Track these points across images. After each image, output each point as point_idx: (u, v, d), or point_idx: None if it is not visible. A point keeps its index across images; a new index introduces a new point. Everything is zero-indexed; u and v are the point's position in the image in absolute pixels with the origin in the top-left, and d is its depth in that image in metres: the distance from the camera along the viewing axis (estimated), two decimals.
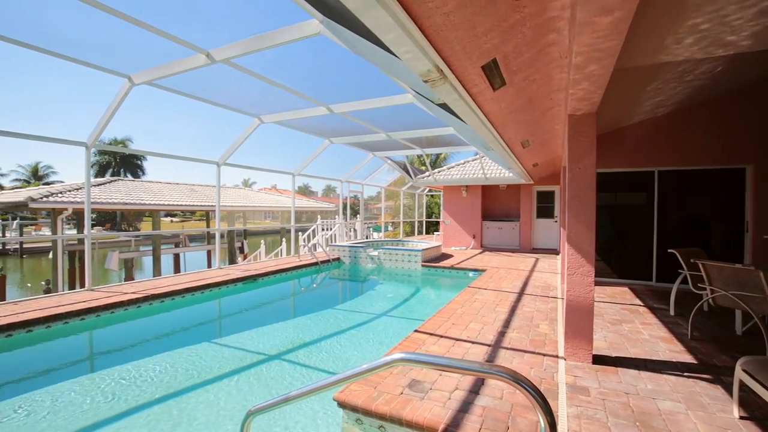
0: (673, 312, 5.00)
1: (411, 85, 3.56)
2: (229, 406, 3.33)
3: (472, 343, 3.91)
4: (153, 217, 18.01)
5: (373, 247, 10.78)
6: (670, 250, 5.15)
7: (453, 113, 3.59)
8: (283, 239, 12.04)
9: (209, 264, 18.26)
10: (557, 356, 3.55)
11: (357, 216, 17.47)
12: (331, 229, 12.76)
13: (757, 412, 2.55)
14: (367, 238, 15.02)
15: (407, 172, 13.95)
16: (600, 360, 3.46)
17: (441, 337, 4.08)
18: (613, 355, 3.60)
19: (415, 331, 4.27)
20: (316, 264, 9.71)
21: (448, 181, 13.60)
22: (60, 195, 11.33)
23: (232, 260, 17.78)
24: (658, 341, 3.97)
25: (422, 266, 9.51)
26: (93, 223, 33.33)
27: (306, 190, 63.32)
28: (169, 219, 49.13)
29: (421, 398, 2.71)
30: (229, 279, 7.11)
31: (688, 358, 3.54)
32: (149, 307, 5.69)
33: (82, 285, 6.34)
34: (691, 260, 4.39)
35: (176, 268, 18.25)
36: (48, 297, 5.57)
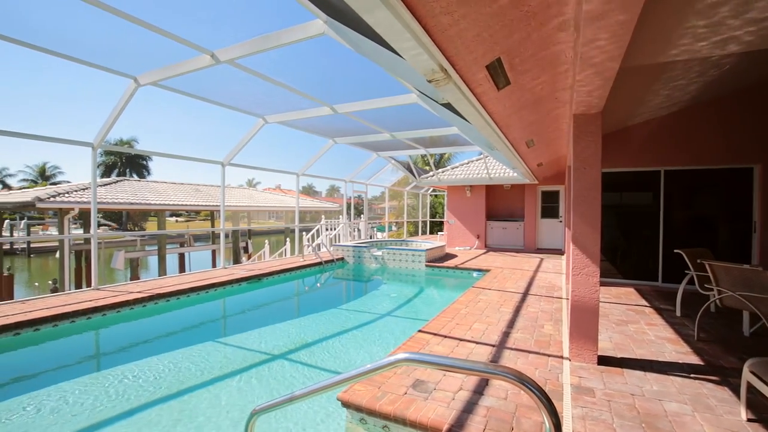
0: (679, 313, 4.95)
1: (415, 84, 3.56)
2: (232, 406, 3.34)
3: (477, 343, 3.90)
4: (158, 216, 18.15)
5: (377, 247, 10.79)
6: (676, 251, 5.11)
7: (457, 113, 3.58)
8: (287, 239, 12.10)
9: (214, 263, 18.35)
10: (562, 357, 3.53)
11: (361, 216, 17.49)
12: (334, 229, 12.80)
13: (765, 414, 2.53)
14: (370, 238, 15.03)
15: (411, 172, 13.94)
16: (605, 361, 3.43)
17: (445, 337, 4.07)
18: (619, 356, 3.58)
19: (419, 331, 4.26)
20: (320, 264, 9.73)
21: (452, 181, 13.57)
22: (67, 195, 11.44)
23: (237, 260, 17.86)
24: (664, 342, 3.94)
25: (426, 266, 9.49)
26: (104, 224, 33.58)
27: (310, 190, 63.52)
28: (174, 219, 49.46)
29: (425, 398, 2.71)
30: (233, 279, 7.14)
31: (694, 359, 3.51)
32: (154, 306, 5.73)
33: (89, 284, 6.40)
34: (698, 261, 4.36)
35: (181, 268, 18.39)
36: (55, 296, 5.63)
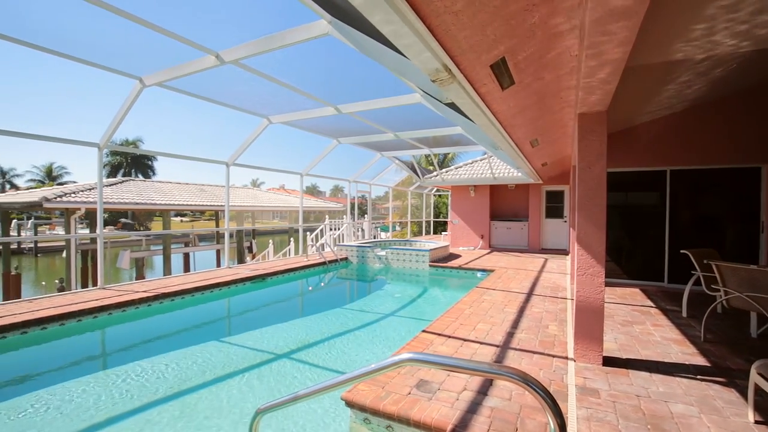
0: (685, 314, 4.91)
1: (419, 84, 3.56)
2: (236, 405, 3.36)
3: (481, 343, 3.89)
4: (163, 216, 18.27)
5: (381, 247, 10.79)
6: (682, 251, 5.07)
7: (461, 113, 3.57)
8: (291, 239, 12.12)
9: (218, 263, 18.43)
10: (567, 357, 3.51)
11: (364, 216, 17.49)
12: (338, 228, 12.82)
13: None
14: (374, 237, 15.04)
15: (415, 171, 13.93)
16: (610, 362, 3.41)
17: (449, 337, 4.06)
18: (624, 356, 3.56)
19: (423, 331, 4.26)
20: (323, 264, 9.75)
21: (456, 181, 13.54)
22: (73, 195, 11.55)
23: (241, 260, 17.94)
24: (670, 343, 3.91)
25: (430, 266, 9.48)
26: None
27: (314, 190, 63.65)
28: (179, 219, 49.77)
29: (429, 398, 2.71)
30: (237, 278, 7.18)
31: (701, 360, 3.48)
32: (159, 305, 5.77)
33: (95, 283, 6.46)
34: (705, 261, 4.32)
35: (186, 267, 18.49)
36: (62, 295, 5.68)
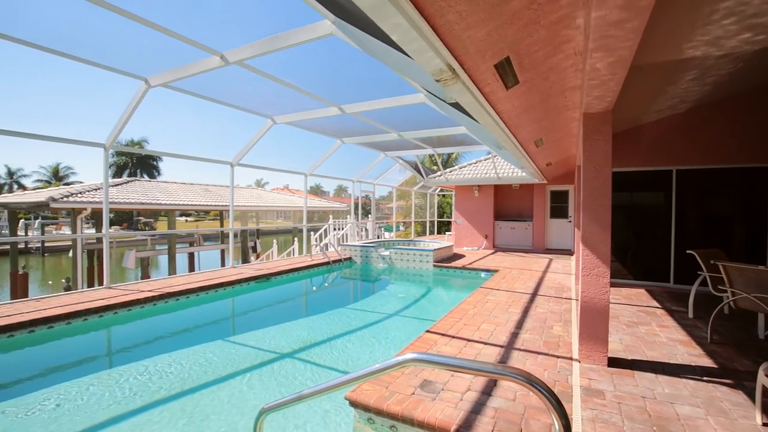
0: (691, 314, 4.87)
1: (423, 84, 3.55)
2: (240, 404, 3.37)
3: (485, 344, 3.87)
4: (168, 216, 18.37)
5: (385, 247, 10.79)
6: (689, 251, 5.02)
7: (465, 112, 3.56)
8: (295, 239, 12.16)
9: (223, 263, 18.52)
10: (571, 358, 3.49)
11: (368, 216, 17.51)
12: (342, 228, 12.83)
13: None
14: (378, 237, 15.04)
15: (419, 171, 13.91)
16: (615, 363, 3.39)
17: (453, 337, 4.05)
18: (629, 357, 3.53)
19: (427, 331, 4.25)
20: (327, 263, 9.76)
21: (460, 181, 13.51)
22: (79, 195, 11.64)
23: (245, 259, 18.01)
24: (676, 344, 3.88)
25: (434, 266, 9.47)
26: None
27: (318, 190, 63.79)
28: (184, 218, 50.08)
29: (432, 399, 2.70)
30: (242, 278, 7.21)
31: (707, 362, 3.44)
32: (164, 305, 5.80)
33: (101, 283, 6.51)
34: (711, 261, 4.27)
35: (191, 267, 18.60)
36: (68, 294, 5.73)
